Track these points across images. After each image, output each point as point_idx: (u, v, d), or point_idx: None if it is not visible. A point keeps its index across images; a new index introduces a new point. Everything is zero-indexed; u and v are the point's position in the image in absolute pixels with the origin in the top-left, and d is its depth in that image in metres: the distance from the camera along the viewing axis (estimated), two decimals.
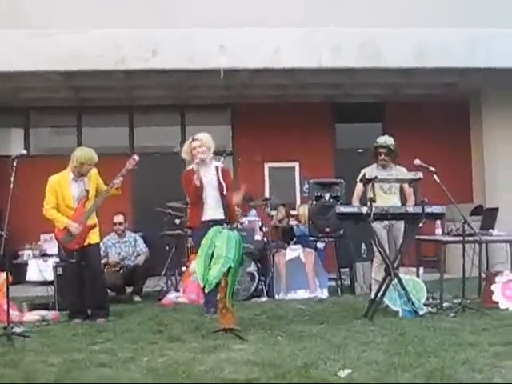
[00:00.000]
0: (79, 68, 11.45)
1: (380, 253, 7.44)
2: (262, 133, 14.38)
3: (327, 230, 9.76)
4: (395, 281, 7.24)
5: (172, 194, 10.86)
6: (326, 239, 10.17)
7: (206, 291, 6.57)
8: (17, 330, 6.83)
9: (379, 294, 7.32)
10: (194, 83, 12.78)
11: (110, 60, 11.35)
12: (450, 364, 4.95)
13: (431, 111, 14.60)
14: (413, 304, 7.22)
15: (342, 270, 10.21)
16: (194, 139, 8.26)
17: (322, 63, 11.61)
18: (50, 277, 11.33)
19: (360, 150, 14.81)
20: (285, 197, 14.03)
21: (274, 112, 14.37)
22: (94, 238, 7.87)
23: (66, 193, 7.79)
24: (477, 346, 5.59)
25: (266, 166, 14.82)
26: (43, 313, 8.18)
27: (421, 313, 7.25)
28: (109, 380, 4.92)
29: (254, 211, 10.77)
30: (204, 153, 8.14)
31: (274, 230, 10.94)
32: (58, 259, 9.72)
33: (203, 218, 7.92)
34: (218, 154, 14.64)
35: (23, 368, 5.33)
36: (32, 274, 12.89)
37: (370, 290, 9.17)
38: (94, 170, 7.91)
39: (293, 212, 12.72)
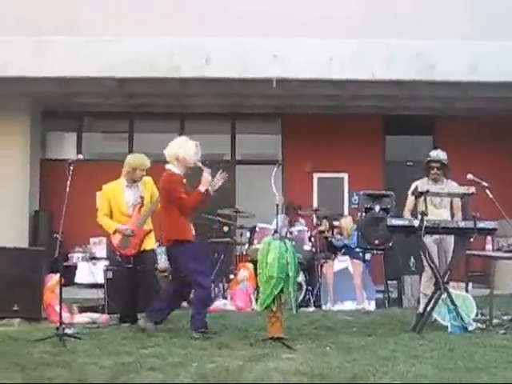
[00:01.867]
0: (133, 75, 11.66)
1: (430, 267, 7.40)
2: (312, 143, 14.40)
3: (376, 242, 9.74)
4: (445, 295, 7.19)
5: (220, 201, 10.93)
6: (375, 251, 10.13)
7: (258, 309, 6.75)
8: (68, 331, 6.93)
9: (428, 308, 7.27)
10: (245, 92, 12.88)
11: (164, 67, 11.54)
12: (501, 381, 4.91)
13: (484, 124, 14.43)
14: (462, 319, 7.17)
15: (389, 282, 10.17)
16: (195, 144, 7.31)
17: (374, 75, 11.62)
18: (99, 280, 11.58)
19: (409, 163, 14.75)
20: (332, 208, 14.05)
21: (325, 122, 14.38)
22: (149, 243, 7.97)
23: (119, 200, 7.90)
24: None
25: (315, 176, 14.81)
26: (93, 315, 8.31)
27: (470, 328, 7.19)
28: None
29: (302, 221, 10.77)
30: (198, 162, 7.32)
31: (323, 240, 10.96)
32: (107, 263, 9.83)
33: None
34: (267, 163, 14.90)
35: (76, 369, 5.44)
36: (81, 276, 13.11)
37: (418, 303, 9.12)
38: (150, 180, 8.01)
39: (335, 223, 12.71)
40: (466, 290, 8.29)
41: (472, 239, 7.26)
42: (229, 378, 5.19)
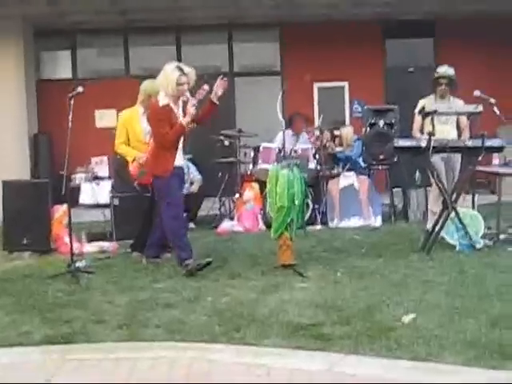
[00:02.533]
0: None
1: (438, 186, 7.41)
2: (311, 52, 14.19)
3: (381, 157, 9.73)
4: (453, 214, 7.23)
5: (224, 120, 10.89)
6: (380, 166, 10.11)
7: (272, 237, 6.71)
8: (80, 264, 7.00)
9: (436, 228, 7.32)
10: (243, 3, 12.59)
11: None
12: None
13: (486, 26, 14.17)
14: (470, 238, 7.23)
15: (394, 191, 10.22)
16: (183, 72, 6.81)
17: None
18: (102, 200, 11.65)
19: (410, 69, 14.59)
20: (334, 117, 13.99)
21: (323, 30, 14.14)
22: None
23: (136, 128, 7.80)
24: None
25: (315, 85, 14.65)
26: (102, 244, 8.40)
27: (478, 246, 7.26)
28: (177, 323, 5.06)
29: (305, 136, 10.68)
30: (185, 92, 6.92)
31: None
32: (110, 183, 9.81)
33: (175, 164, 6.95)
34: (267, 74, 14.72)
35: (92, 309, 5.52)
36: (85, 197, 13.16)
37: (424, 217, 9.24)
38: None
39: (336, 132, 12.64)
40: (473, 203, 8.30)
41: (480, 158, 7.24)
42: (244, 312, 5.26)
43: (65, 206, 7.87)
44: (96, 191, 12.96)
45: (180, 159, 7.05)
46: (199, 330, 4.89)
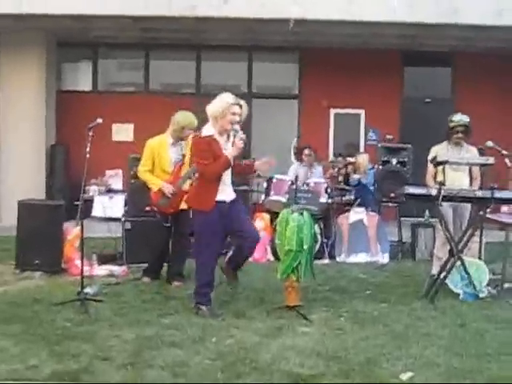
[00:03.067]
0: (149, 13, 11.58)
1: (445, 235, 7.54)
2: (330, 77, 14.39)
3: (392, 195, 9.87)
4: (458, 263, 7.36)
5: None
6: (390, 203, 10.27)
7: (278, 277, 6.78)
8: (89, 290, 7.17)
9: (441, 275, 7.45)
10: (263, 30, 12.77)
11: (180, 6, 11.45)
12: (510, 373, 5.11)
13: (504, 62, 14.32)
14: (474, 287, 7.35)
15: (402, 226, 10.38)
16: (238, 104, 6.59)
17: (396, 16, 11.49)
18: (115, 214, 11.85)
19: (427, 100, 14.72)
20: (348, 145, 14.15)
21: (343, 56, 14.36)
22: None
23: (163, 156, 7.91)
24: None
25: (332, 111, 14.81)
26: (112, 268, 8.57)
27: (481, 296, 7.39)
28: (181, 365, 5.21)
29: (319, 169, 10.86)
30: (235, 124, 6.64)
31: (336, 181, 11.06)
32: (125, 211, 9.98)
33: (218, 198, 6.64)
34: (285, 97, 14.88)
35: (99, 343, 5.67)
36: (98, 209, 13.38)
37: (431, 256, 9.36)
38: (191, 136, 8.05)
39: (350, 159, 12.80)
40: (480, 251, 8.40)
41: (488, 210, 7.38)
42: (247, 357, 5.40)
43: (78, 229, 8.04)
44: (108, 204, 13.19)
45: (226, 194, 6.72)
46: (202, 374, 5.04)
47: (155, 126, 8.34)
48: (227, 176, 6.71)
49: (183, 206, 7.83)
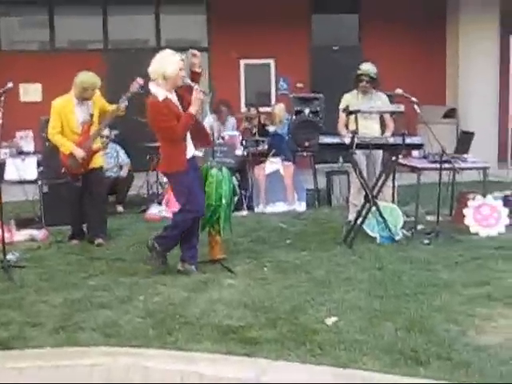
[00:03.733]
0: None
1: (360, 182, 7.79)
2: (238, 27, 14.37)
3: (307, 144, 10.05)
4: (374, 208, 7.64)
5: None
6: (305, 152, 10.46)
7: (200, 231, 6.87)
8: (11, 257, 7.13)
9: (358, 221, 7.72)
10: None
11: None
12: (427, 312, 5.40)
13: (409, 5, 14.64)
14: (390, 230, 7.66)
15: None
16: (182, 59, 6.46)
17: None
18: (29, 176, 11.65)
19: (335, 47, 14.94)
20: (260, 95, 14.31)
21: (251, 6, 14.32)
22: (97, 161, 8.09)
23: (70, 117, 7.89)
24: (451, 286, 6.05)
25: (242, 62, 14.86)
26: (32, 232, 8.51)
27: (397, 238, 7.70)
28: (112, 325, 5.30)
29: (232, 121, 10.94)
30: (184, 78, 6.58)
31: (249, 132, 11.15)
32: (36, 158, 9.80)
33: (188, 155, 6.69)
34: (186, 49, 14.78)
35: (27, 310, 5.69)
36: (10, 173, 13.07)
37: (346, 202, 9.66)
38: (97, 93, 8.00)
39: (267, 109, 12.94)
40: (393, 197, 8.72)
41: (400, 156, 7.68)
42: (176, 312, 5.54)
43: None
44: (21, 167, 12.93)
45: (191, 150, 6.72)
46: (134, 333, 5.14)
47: (64, 85, 8.19)
48: (188, 133, 6.66)
49: (93, 165, 7.99)
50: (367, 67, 8.53)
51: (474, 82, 13.75)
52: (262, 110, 12.67)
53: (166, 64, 6.35)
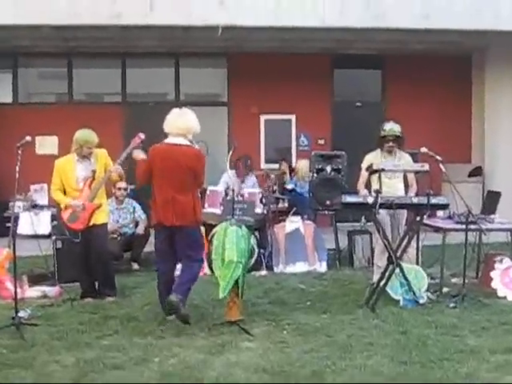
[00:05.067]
0: (72, 22, 11.54)
1: (383, 243, 7.79)
2: (259, 83, 14.55)
3: (328, 202, 10.05)
4: (397, 270, 7.62)
5: None
6: (326, 211, 10.48)
7: (221, 297, 6.86)
8: (23, 314, 7.15)
9: (381, 284, 7.70)
10: (191, 37, 12.88)
11: (105, 14, 11.45)
12: (453, 378, 5.36)
13: (433, 64, 14.81)
14: (414, 293, 7.63)
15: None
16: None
17: (324, 22, 11.75)
18: (42, 231, 11.72)
19: (358, 104, 15.08)
20: (280, 151, 14.43)
21: (272, 62, 14.52)
22: (100, 218, 8.13)
23: (70, 175, 8.08)
24: (478, 353, 6.00)
25: (262, 117, 15.01)
26: (44, 288, 8.54)
27: (421, 302, 7.67)
28: None
29: (253, 178, 11.02)
30: None
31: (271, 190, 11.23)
32: (50, 213, 9.90)
33: None
34: (213, 104, 15.00)
35: (39, 370, 5.69)
36: (24, 227, 13.17)
37: (369, 263, 9.65)
38: (102, 151, 8.19)
39: (285, 165, 13.11)
40: (417, 259, 8.69)
41: (425, 216, 7.70)
42: (192, 375, 5.52)
43: (7, 250, 8.01)
44: (35, 221, 13.02)
45: None
46: None
47: None
48: None
49: (95, 221, 8.05)
50: (391, 127, 8.58)
51: (500, 139, 13.81)
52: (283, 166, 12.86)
53: (197, 123, 7.18)
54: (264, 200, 10.17)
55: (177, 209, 6.99)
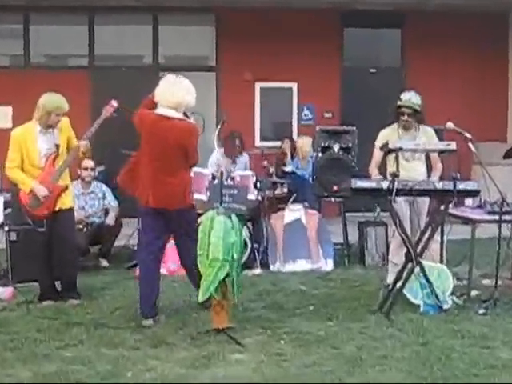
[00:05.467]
0: None
1: (401, 236, 7.78)
2: (254, 45, 14.51)
3: (335, 188, 10.05)
4: (417, 269, 7.64)
5: None
6: (333, 199, 10.48)
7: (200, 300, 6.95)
8: None
9: (398, 284, 7.73)
10: None
11: None
12: None
13: (461, 22, 14.78)
14: (437, 297, 7.65)
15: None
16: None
17: None
18: None
19: (372, 70, 15.07)
20: (279, 126, 14.42)
21: (270, 19, 14.48)
22: (66, 201, 8.13)
23: (31, 148, 7.95)
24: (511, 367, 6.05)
25: (257, 85, 14.99)
26: None
27: (445, 307, 7.69)
28: None
29: (245, 158, 11.04)
30: None
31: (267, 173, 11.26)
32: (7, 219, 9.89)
33: None
34: (199, 69, 14.98)
35: None
36: None
37: (383, 260, 9.68)
38: (66, 120, 8.09)
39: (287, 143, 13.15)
40: (441, 255, 8.70)
41: (451, 205, 7.71)
42: None
43: None
44: None
45: None
46: None
47: None
48: None
49: (60, 205, 8.05)
50: (409, 97, 8.54)
51: None
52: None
53: (190, 95, 7.34)
54: (259, 184, 10.14)
55: (165, 191, 7.25)
